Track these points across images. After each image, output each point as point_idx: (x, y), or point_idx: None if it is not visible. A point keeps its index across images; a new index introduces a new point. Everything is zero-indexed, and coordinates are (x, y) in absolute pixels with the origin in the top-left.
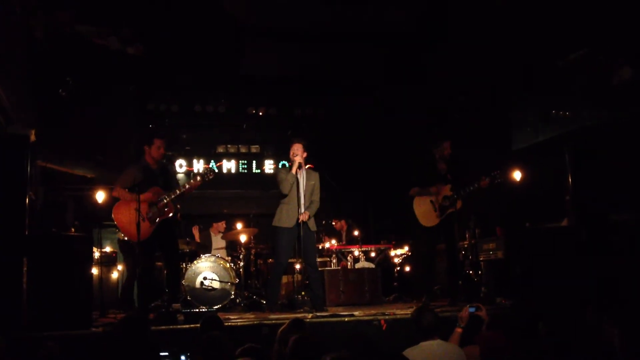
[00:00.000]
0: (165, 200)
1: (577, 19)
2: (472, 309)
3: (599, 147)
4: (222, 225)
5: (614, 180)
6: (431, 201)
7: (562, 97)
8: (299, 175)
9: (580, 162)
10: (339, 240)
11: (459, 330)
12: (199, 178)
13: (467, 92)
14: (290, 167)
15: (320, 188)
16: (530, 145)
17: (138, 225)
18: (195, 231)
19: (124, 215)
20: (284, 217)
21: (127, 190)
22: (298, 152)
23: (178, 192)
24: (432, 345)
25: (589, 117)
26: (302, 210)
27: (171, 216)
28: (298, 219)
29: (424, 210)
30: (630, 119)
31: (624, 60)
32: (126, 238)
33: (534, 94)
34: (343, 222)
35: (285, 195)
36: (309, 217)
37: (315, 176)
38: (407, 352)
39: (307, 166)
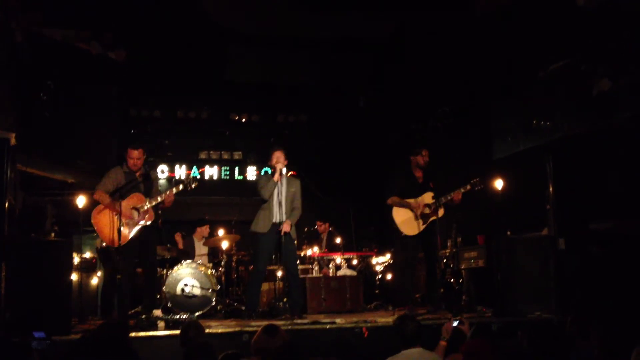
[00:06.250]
0: (145, 207)
1: (558, 30)
2: (456, 323)
3: (579, 156)
4: (205, 229)
5: (594, 190)
6: (412, 209)
7: (543, 107)
8: (279, 183)
9: (561, 172)
10: (319, 243)
11: (443, 343)
12: (181, 186)
13: (449, 102)
14: (272, 174)
15: (302, 195)
16: (511, 154)
17: (119, 231)
18: (178, 238)
19: (104, 220)
20: (260, 223)
21: (108, 194)
22: (280, 160)
23: (159, 199)
24: (413, 354)
25: (570, 126)
26: (283, 217)
27: (150, 223)
28: (276, 225)
29: (405, 219)
30: (611, 128)
31: (603, 71)
32: (104, 244)
33: (516, 104)
34: (327, 225)
35: (265, 201)
36: (291, 226)
37: (296, 183)
38: None
39: (289, 173)
